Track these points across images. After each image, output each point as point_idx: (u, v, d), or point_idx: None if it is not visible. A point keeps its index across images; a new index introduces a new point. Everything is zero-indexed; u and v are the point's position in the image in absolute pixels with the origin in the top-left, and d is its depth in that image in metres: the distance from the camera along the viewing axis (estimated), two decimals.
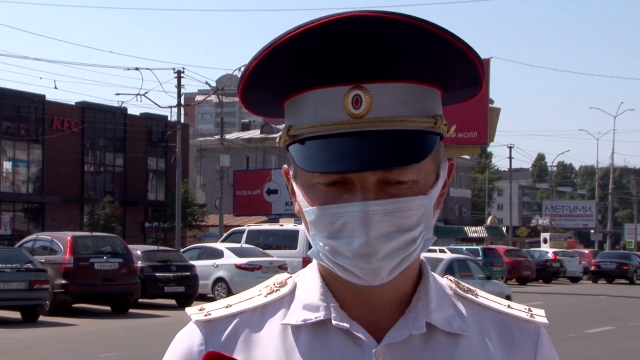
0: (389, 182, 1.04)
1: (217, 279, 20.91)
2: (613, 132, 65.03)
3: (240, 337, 1.12)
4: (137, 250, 20.22)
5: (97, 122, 44.10)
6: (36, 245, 18.91)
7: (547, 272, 38.31)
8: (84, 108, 44.34)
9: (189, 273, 19.90)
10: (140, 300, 19.06)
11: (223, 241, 24.25)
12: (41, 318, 16.52)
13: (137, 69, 34.13)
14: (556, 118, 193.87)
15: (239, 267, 20.38)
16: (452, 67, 1.07)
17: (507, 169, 68.33)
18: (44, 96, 42.15)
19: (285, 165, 1.17)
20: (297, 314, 1.12)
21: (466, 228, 63.77)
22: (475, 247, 36.14)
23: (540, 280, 37.69)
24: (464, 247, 35.33)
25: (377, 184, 1.04)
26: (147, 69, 41.25)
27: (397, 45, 1.03)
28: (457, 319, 1.13)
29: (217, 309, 1.15)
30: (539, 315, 1.18)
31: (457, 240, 48.61)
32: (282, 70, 1.07)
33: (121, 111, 41.18)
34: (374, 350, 1.08)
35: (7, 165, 42.38)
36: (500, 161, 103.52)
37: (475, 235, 59.91)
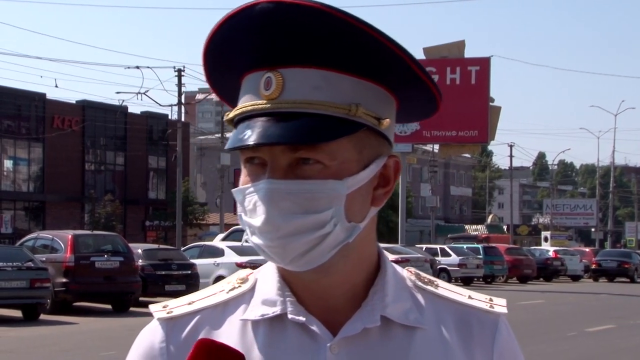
0: (299, 164, 1.07)
1: (217, 277, 20.90)
2: (614, 130, 65.12)
3: (201, 334, 1.13)
4: (138, 248, 20.21)
5: (97, 120, 44.11)
6: (37, 244, 18.91)
7: (548, 271, 38.30)
8: (85, 106, 44.35)
9: (189, 271, 19.91)
10: (141, 298, 19.05)
11: (223, 240, 24.25)
12: (42, 316, 16.53)
13: (137, 67, 34.17)
14: (557, 116, 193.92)
15: (239, 265, 20.34)
16: (369, 57, 1.09)
17: (507, 168, 68.39)
18: (44, 94, 42.16)
19: None
20: (255, 310, 1.13)
21: (467, 226, 63.77)
22: (476, 245, 36.10)
23: (541, 279, 37.69)
24: (465, 246, 35.32)
25: (288, 166, 1.07)
26: (148, 67, 41.18)
27: (309, 32, 1.06)
28: (415, 311, 1.14)
29: (179, 305, 1.17)
30: (499, 305, 1.18)
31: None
32: (221, 61, 1.14)
33: (122, 110, 41.20)
34: (328, 344, 1.09)
35: (8, 163, 42.39)
36: (500, 160, 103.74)
37: (477, 233, 59.76)
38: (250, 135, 1.06)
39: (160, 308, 1.17)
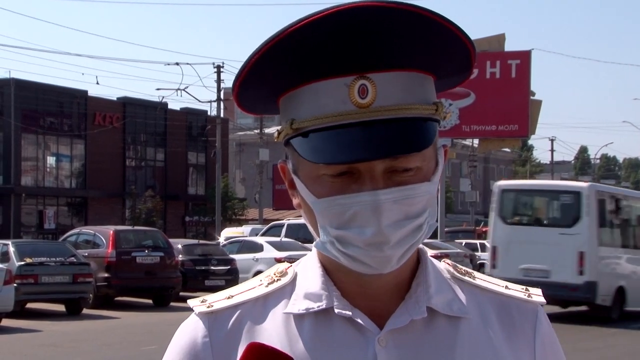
0: (396, 170, 1.06)
1: (256, 272, 21.00)
2: None
3: (244, 328, 1.13)
4: (178, 244, 20.40)
5: (138, 117, 44.58)
6: (79, 239, 19.19)
7: None
8: (125, 103, 44.85)
9: (229, 267, 20.04)
10: (181, 293, 19.22)
11: (263, 235, 24.37)
12: (85, 311, 16.76)
13: (177, 64, 34.45)
14: (599, 110, 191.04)
15: (278, 260, 20.38)
16: (448, 54, 1.09)
17: (548, 162, 67.60)
18: (86, 92, 42.76)
19: (280, 161, 1.18)
20: (299, 303, 1.12)
21: None
22: None
23: None
24: None
25: (384, 173, 1.05)
26: (187, 63, 41.43)
27: (397, 34, 1.05)
28: (457, 302, 1.14)
29: (219, 300, 1.16)
30: (536, 295, 1.19)
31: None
32: (283, 65, 1.07)
33: (162, 106, 41.60)
34: (377, 337, 1.09)
35: (51, 160, 43.06)
36: (541, 154, 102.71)
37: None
38: (350, 149, 1.03)
39: (199, 303, 1.16)
